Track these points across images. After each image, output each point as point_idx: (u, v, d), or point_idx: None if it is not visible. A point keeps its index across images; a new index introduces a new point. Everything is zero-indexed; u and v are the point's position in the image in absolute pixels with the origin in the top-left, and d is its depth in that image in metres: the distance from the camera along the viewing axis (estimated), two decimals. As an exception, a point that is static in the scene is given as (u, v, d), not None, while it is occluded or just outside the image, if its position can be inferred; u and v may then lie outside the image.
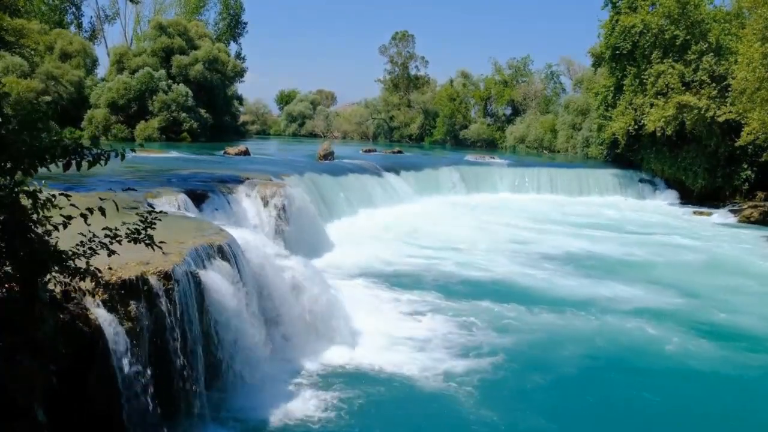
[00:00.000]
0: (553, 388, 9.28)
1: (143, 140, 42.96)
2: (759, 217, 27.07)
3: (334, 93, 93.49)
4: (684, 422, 8.59)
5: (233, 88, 55.69)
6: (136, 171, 18.13)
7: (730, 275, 16.75)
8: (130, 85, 45.27)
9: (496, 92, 66.07)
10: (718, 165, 31.25)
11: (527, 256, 17.93)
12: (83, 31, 62.31)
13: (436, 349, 10.33)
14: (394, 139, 70.09)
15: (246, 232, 11.01)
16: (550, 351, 10.59)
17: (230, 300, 7.99)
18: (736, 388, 9.65)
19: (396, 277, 14.83)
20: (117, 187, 11.64)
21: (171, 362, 6.94)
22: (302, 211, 16.51)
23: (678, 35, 30.59)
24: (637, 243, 20.83)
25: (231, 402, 7.93)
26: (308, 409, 8.10)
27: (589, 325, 12.03)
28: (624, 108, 33.28)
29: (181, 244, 8.06)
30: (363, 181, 25.49)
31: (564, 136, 51.26)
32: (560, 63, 64.83)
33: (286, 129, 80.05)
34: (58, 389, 4.90)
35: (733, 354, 10.81)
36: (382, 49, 73.10)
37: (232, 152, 30.70)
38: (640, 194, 33.57)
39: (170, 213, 10.83)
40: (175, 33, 49.17)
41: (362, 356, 9.81)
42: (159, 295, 6.83)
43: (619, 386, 9.56)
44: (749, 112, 25.03)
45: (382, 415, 8.20)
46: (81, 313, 5.91)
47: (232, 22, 68.12)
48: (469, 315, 12.09)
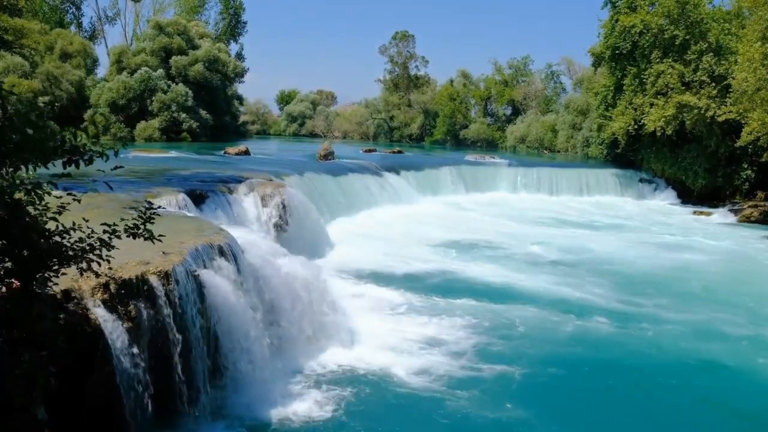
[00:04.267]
0: (555, 389, 9.28)
1: (144, 140, 43.02)
2: (759, 216, 27.09)
3: (334, 93, 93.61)
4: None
5: (233, 88, 55.65)
6: (136, 171, 18.13)
7: (731, 273, 16.76)
8: (129, 85, 45.26)
9: (496, 92, 66.07)
10: (719, 165, 31.24)
11: (528, 257, 17.92)
12: (83, 31, 62.40)
13: (436, 349, 10.33)
14: (394, 139, 70.10)
15: (246, 232, 11.02)
16: (552, 352, 10.57)
17: (230, 300, 7.99)
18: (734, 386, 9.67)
19: (396, 276, 14.83)
20: (117, 187, 11.65)
21: (171, 361, 6.94)
22: (302, 211, 16.51)
23: (677, 35, 30.58)
24: (637, 243, 20.83)
25: (231, 401, 7.94)
26: (308, 409, 8.11)
27: (588, 325, 12.04)
28: (624, 108, 33.27)
29: (182, 243, 8.06)
30: (363, 181, 25.48)
31: (564, 135, 51.25)
32: (560, 63, 64.84)
33: (286, 129, 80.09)
34: (58, 388, 4.91)
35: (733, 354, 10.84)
36: (382, 49, 73.20)
37: (233, 152, 30.70)
38: (641, 194, 33.57)
39: (170, 213, 10.84)
40: (175, 33, 49.12)
41: (362, 356, 9.81)
42: (159, 295, 6.83)
43: (619, 386, 9.56)
44: (749, 112, 25.04)
45: (381, 415, 8.21)
46: (81, 312, 5.92)
47: (232, 21, 68.15)
48: (471, 315, 12.08)
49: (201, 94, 48.56)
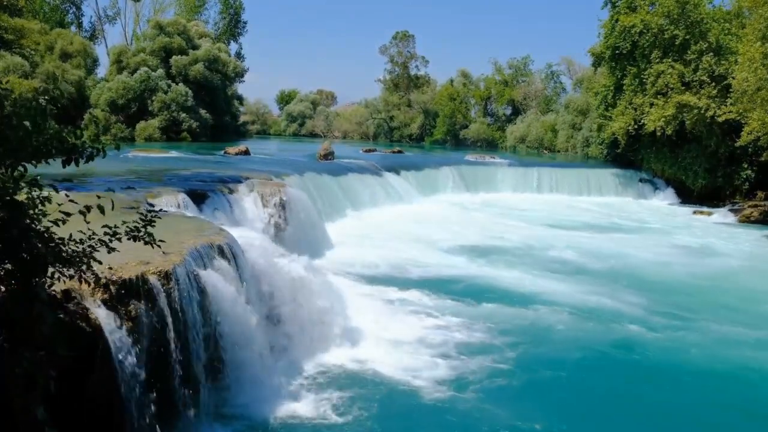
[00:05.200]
0: (556, 390, 9.25)
1: (143, 140, 43.00)
2: (759, 216, 27.07)
3: (334, 93, 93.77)
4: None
5: (233, 88, 55.67)
6: (136, 171, 18.13)
7: (728, 273, 16.75)
8: (129, 85, 45.26)
9: (496, 92, 66.13)
10: (719, 165, 31.25)
11: (529, 257, 17.92)
12: (83, 30, 62.45)
13: (436, 350, 10.30)
14: (394, 139, 70.13)
15: (246, 232, 11.00)
16: (554, 353, 10.54)
17: (230, 300, 7.98)
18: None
19: (397, 276, 14.82)
20: (117, 187, 11.65)
21: (171, 361, 6.93)
22: (302, 211, 16.50)
23: (677, 35, 30.58)
24: (638, 242, 20.83)
25: (231, 401, 7.92)
26: (308, 409, 8.10)
27: (589, 325, 12.03)
28: (624, 108, 33.28)
29: (182, 243, 8.05)
30: (363, 181, 25.49)
31: (564, 135, 51.28)
32: (560, 63, 64.96)
33: (286, 129, 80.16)
34: (58, 389, 4.89)
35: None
36: (382, 49, 73.34)
37: (233, 152, 30.70)
38: (640, 194, 33.58)
39: (170, 213, 10.83)
40: (175, 32, 49.12)
41: (362, 356, 9.79)
42: (159, 295, 6.82)
43: (621, 386, 9.56)
44: (749, 111, 25.04)
45: (381, 415, 8.18)
46: (81, 312, 5.91)
47: (232, 21, 68.17)
48: (472, 316, 12.06)
49: (201, 94, 48.57)
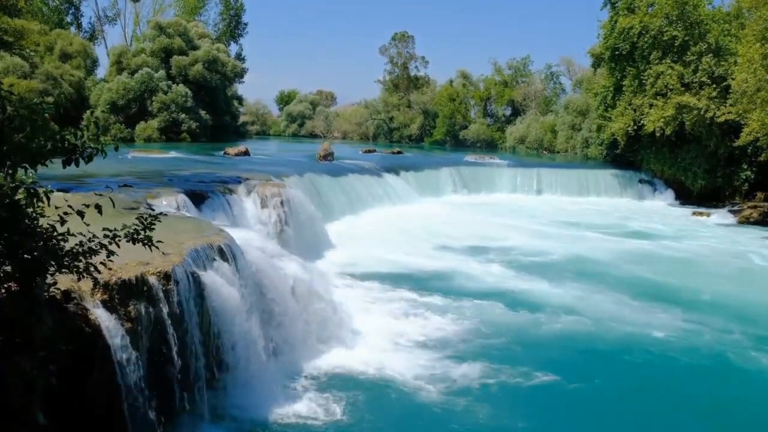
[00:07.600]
0: (556, 390, 9.25)
1: (143, 141, 43.00)
2: (758, 217, 27.05)
3: (334, 93, 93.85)
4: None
5: (233, 89, 55.69)
6: (136, 171, 18.14)
7: (726, 272, 16.76)
8: (129, 85, 45.26)
9: (496, 92, 66.11)
10: (718, 165, 31.25)
11: (530, 258, 17.92)
12: (83, 31, 62.38)
13: (436, 350, 10.31)
14: (394, 139, 70.14)
15: (246, 233, 11.01)
16: (555, 354, 10.55)
17: (230, 300, 7.99)
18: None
19: (396, 277, 14.82)
20: (116, 187, 11.66)
21: (171, 362, 6.94)
22: (302, 212, 16.52)
23: (677, 36, 30.60)
24: (638, 242, 20.84)
25: (230, 402, 7.94)
26: (307, 410, 8.10)
27: (589, 325, 12.04)
28: (623, 108, 33.29)
29: (181, 244, 8.06)
30: (363, 181, 25.51)
31: (564, 136, 51.29)
32: (560, 63, 64.95)
33: (286, 129, 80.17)
34: (58, 389, 4.90)
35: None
36: (382, 49, 73.27)
37: (232, 152, 30.72)
38: (640, 195, 33.58)
39: (170, 213, 10.84)
40: (175, 33, 49.13)
41: (361, 357, 9.79)
42: (159, 296, 6.83)
43: (621, 386, 9.57)
44: (749, 112, 25.05)
45: (380, 416, 8.19)
46: (81, 313, 5.92)
47: (232, 22, 68.12)
48: (472, 317, 12.07)
49: (201, 95, 48.58)
